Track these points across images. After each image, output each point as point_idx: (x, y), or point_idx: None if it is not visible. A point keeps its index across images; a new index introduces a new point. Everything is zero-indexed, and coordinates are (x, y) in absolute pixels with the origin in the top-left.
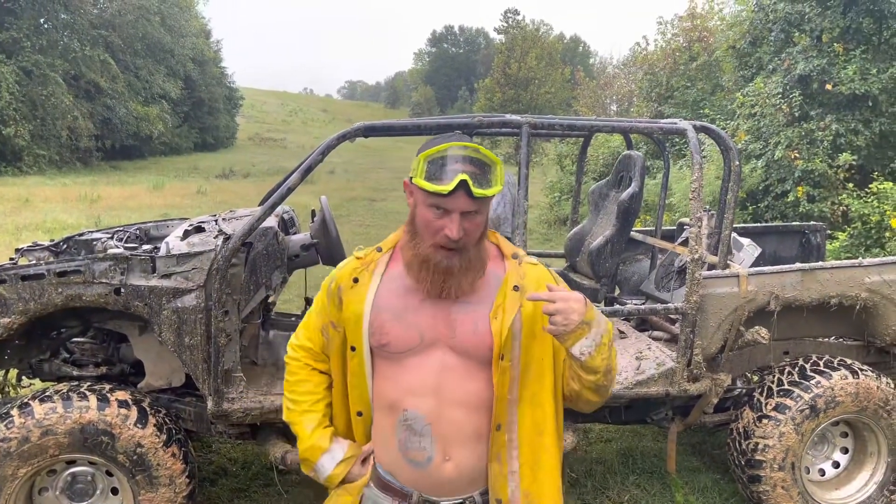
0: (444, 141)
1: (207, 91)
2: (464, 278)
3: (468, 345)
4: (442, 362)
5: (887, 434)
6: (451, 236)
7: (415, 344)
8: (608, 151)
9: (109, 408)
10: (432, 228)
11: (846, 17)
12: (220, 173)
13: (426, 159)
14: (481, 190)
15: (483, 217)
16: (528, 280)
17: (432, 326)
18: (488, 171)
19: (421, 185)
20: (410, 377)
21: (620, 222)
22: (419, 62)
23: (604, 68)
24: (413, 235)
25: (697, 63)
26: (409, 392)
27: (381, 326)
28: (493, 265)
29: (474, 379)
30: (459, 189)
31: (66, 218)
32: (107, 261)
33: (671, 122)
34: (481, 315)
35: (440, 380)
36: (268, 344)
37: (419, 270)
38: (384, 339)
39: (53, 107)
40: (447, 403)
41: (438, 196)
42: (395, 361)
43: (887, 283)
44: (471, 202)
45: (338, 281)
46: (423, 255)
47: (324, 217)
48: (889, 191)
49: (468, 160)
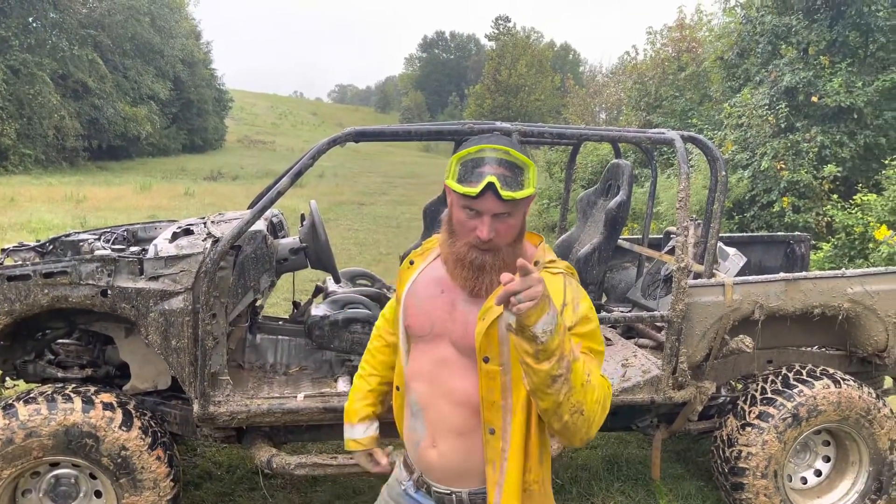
0: (479, 143)
1: (197, 92)
2: (496, 277)
3: (461, 344)
4: (442, 354)
5: (868, 443)
6: (482, 237)
7: (425, 332)
8: (597, 160)
9: (94, 410)
10: (466, 229)
11: (833, 30)
12: (209, 175)
13: (459, 161)
14: (510, 192)
15: (517, 219)
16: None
17: (442, 319)
18: (520, 174)
19: (452, 186)
20: (418, 361)
21: (608, 230)
22: (410, 67)
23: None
24: (450, 234)
25: (686, 73)
26: (414, 375)
27: (408, 308)
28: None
29: (465, 377)
30: (488, 191)
31: (52, 218)
32: (94, 262)
33: (659, 132)
34: (474, 316)
35: (436, 370)
36: (255, 347)
37: (454, 268)
38: (407, 321)
39: (40, 106)
40: (438, 394)
41: (469, 198)
42: (415, 344)
43: (869, 293)
44: (501, 204)
45: (406, 260)
46: (457, 253)
47: (313, 221)
48: (873, 202)
49: (499, 162)
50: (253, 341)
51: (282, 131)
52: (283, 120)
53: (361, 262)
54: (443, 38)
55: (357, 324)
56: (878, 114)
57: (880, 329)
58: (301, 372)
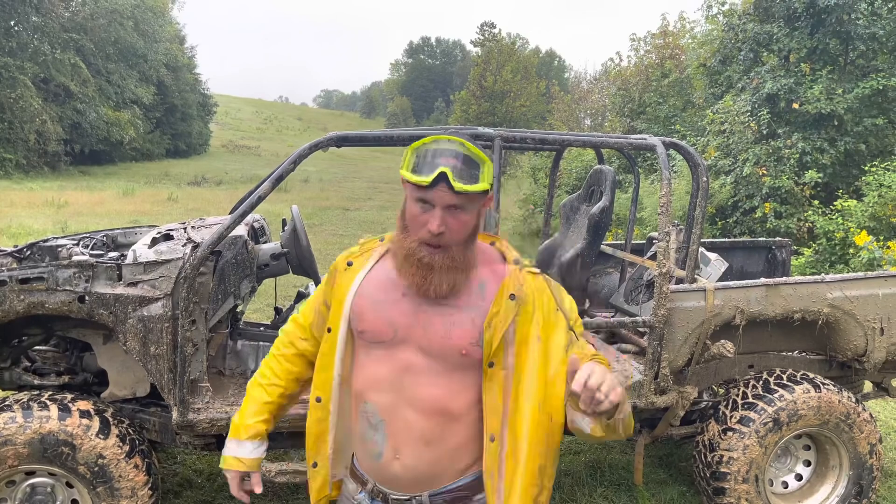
0: (437, 134)
1: (181, 97)
2: (445, 277)
3: (438, 348)
4: (408, 361)
5: (848, 447)
6: (432, 230)
7: (387, 338)
8: (581, 165)
9: (71, 418)
10: (418, 223)
11: (813, 37)
12: (192, 180)
13: (414, 151)
14: (463, 185)
15: (470, 216)
16: (528, 289)
17: (406, 323)
18: (475, 168)
19: (405, 176)
20: (375, 369)
21: (591, 236)
22: (396, 72)
23: (578, 83)
24: (402, 230)
25: (669, 80)
26: (371, 384)
27: (361, 313)
28: (488, 270)
29: (434, 384)
30: (440, 182)
31: (32, 223)
32: (71, 268)
33: (641, 138)
34: (457, 319)
35: (401, 378)
36: (235, 353)
37: (403, 264)
38: (361, 326)
39: (21, 110)
40: (403, 403)
41: (422, 189)
42: (367, 351)
43: (848, 299)
44: (453, 196)
45: (337, 262)
46: (407, 248)
47: (294, 226)
48: (853, 208)
49: (454, 154)
50: (234, 347)
51: (267, 136)
52: (268, 125)
53: None
54: (428, 44)
55: None
56: (858, 121)
57: (859, 334)
58: None
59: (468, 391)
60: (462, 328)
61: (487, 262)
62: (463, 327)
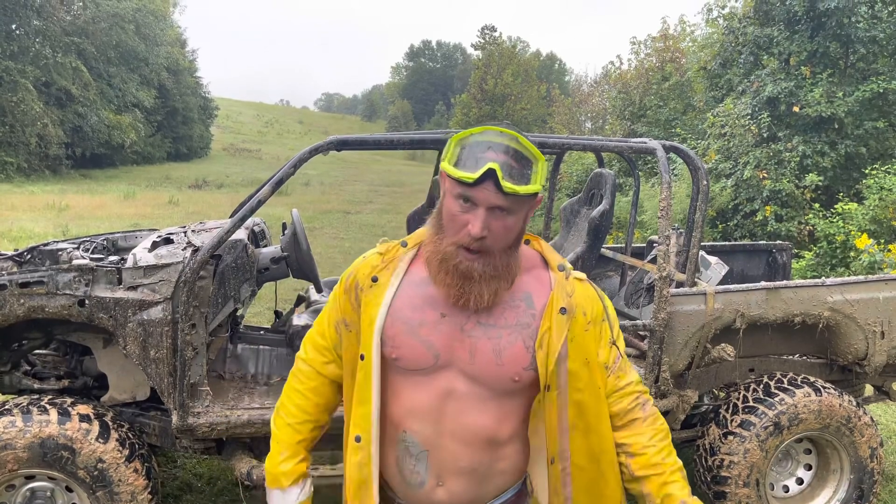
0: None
1: (182, 100)
2: (486, 287)
3: (487, 375)
4: (450, 388)
5: (849, 451)
6: (473, 233)
7: (428, 364)
8: (581, 168)
9: (70, 422)
10: (457, 223)
11: (813, 41)
12: (193, 183)
13: (458, 142)
14: (512, 185)
15: (516, 219)
16: (577, 298)
17: (449, 347)
18: (527, 167)
19: (447, 170)
20: (413, 397)
21: (591, 239)
22: (396, 76)
23: (579, 86)
24: (438, 229)
25: (670, 83)
26: (410, 413)
27: (395, 337)
28: (532, 277)
29: (481, 412)
30: (487, 179)
31: (33, 227)
32: (71, 272)
33: (641, 142)
34: (507, 342)
35: (443, 406)
36: (235, 357)
37: (438, 270)
38: (395, 353)
39: (23, 113)
40: (447, 433)
41: (465, 185)
42: (403, 377)
43: (849, 302)
44: (500, 197)
45: (356, 276)
46: (443, 252)
47: (294, 230)
48: (854, 211)
49: (504, 149)
50: (234, 351)
51: (268, 139)
52: (269, 128)
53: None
54: (429, 48)
55: None
56: (859, 124)
57: (860, 337)
58: (282, 382)
59: (515, 414)
60: (513, 352)
61: (529, 269)
62: (514, 351)
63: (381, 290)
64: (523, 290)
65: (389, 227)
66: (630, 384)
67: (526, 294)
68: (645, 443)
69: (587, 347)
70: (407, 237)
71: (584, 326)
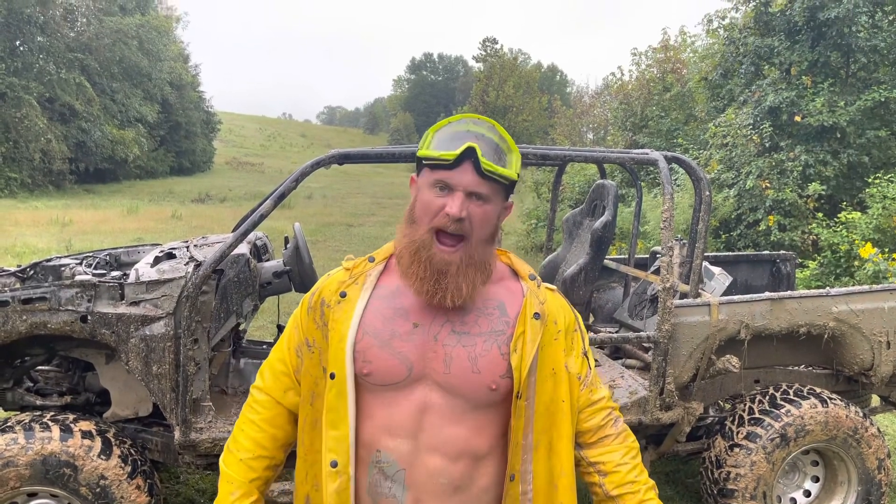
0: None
1: (185, 115)
2: (463, 280)
3: (463, 384)
4: (425, 400)
5: (857, 463)
6: (452, 213)
7: (401, 378)
8: (584, 179)
9: (72, 438)
10: (432, 209)
11: (814, 50)
12: (196, 197)
13: (435, 131)
14: (492, 164)
15: (493, 208)
16: (549, 307)
17: (422, 358)
18: (503, 155)
19: (424, 153)
20: (389, 414)
21: (594, 250)
22: (398, 89)
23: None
24: (409, 223)
25: (671, 93)
26: (385, 431)
27: (365, 352)
28: (503, 288)
29: (459, 423)
30: (466, 160)
31: (37, 242)
32: (74, 287)
33: (643, 153)
34: (482, 349)
35: (420, 421)
36: (238, 372)
37: (410, 263)
38: (367, 368)
39: (27, 129)
40: (424, 449)
41: (443, 170)
42: (375, 394)
43: (854, 312)
44: (479, 181)
45: (321, 293)
46: (417, 241)
47: (297, 244)
48: (857, 220)
49: (482, 136)
50: (236, 366)
51: (270, 153)
52: (272, 142)
53: None
54: (431, 60)
55: None
56: (861, 133)
57: (865, 348)
58: None
59: (493, 426)
60: (489, 359)
61: (499, 280)
62: (490, 358)
63: (349, 306)
64: (497, 299)
65: (392, 240)
66: (602, 399)
67: (499, 302)
68: (618, 460)
69: (555, 357)
70: (374, 252)
71: (554, 335)
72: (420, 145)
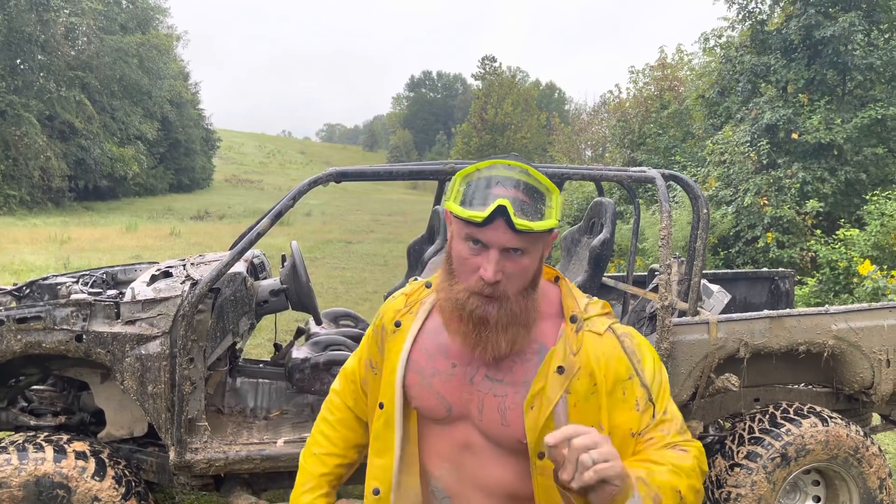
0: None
1: (184, 132)
2: (502, 334)
3: (495, 434)
4: (467, 440)
5: (858, 482)
6: (486, 278)
7: (442, 416)
8: (582, 196)
9: (66, 459)
10: (468, 268)
11: (810, 68)
12: (195, 215)
13: (463, 179)
14: (525, 221)
15: (531, 259)
16: (586, 357)
17: (459, 400)
18: (540, 200)
19: (453, 209)
20: (436, 443)
21: (592, 268)
22: (397, 106)
23: (578, 114)
24: (449, 274)
25: (668, 111)
26: (436, 457)
27: (412, 387)
28: (550, 326)
29: (499, 466)
30: (497, 217)
31: (34, 260)
32: (69, 306)
33: (640, 171)
34: (511, 401)
35: (462, 458)
36: (234, 391)
37: (451, 318)
38: (414, 403)
39: (26, 147)
40: (467, 484)
41: (474, 226)
42: (426, 423)
43: (854, 330)
44: (513, 237)
45: (382, 318)
46: (455, 299)
47: (294, 262)
48: (856, 237)
49: (514, 183)
50: (233, 385)
51: (270, 170)
52: (272, 159)
53: (348, 301)
54: (430, 78)
55: (339, 366)
56: (858, 150)
57: (865, 366)
58: (282, 416)
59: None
60: (518, 413)
61: (549, 315)
62: (519, 412)
63: (402, 337)
64: (539, 341)
65: (391, 257)
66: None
67: (541, 346)
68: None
69: (591, 414)
70: (432, 278)
71: (590, 390)
72: (447, 194)
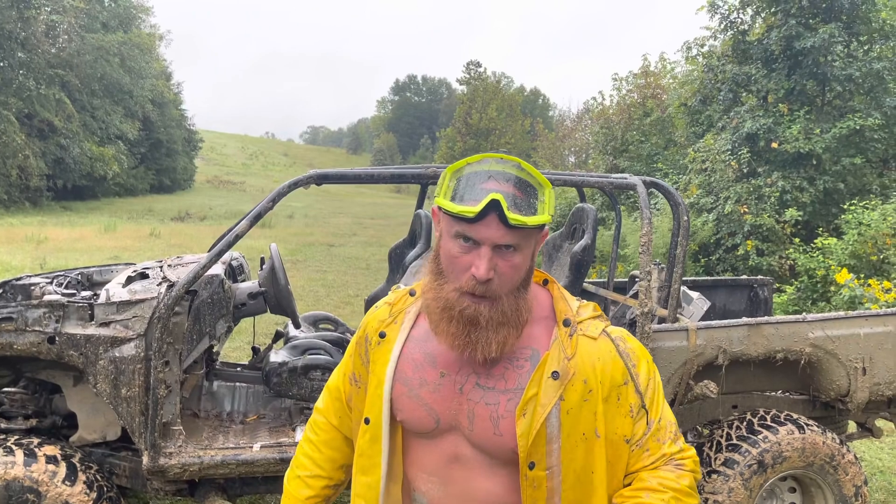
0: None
1: (166, 133)
2: (493, 334)
3: (487, 444)
4: (455, 452)
5: (833, 490)
6: (478, 276)
7: (430, 428)
8: (564, 202)
9: (36, 463)
10: (458, 266)
11: (790, 79)
12: (176, 216)
13: (454, 174)
14: (519, 216)
15: (523, 256)
16: (580, 362)
17: (448, 410)
18: (533, 195)
19: (443, 205)
20: (422, 457)
21: (573, 273)
22: (382, 109)
23: (562, 121)
24: (437, 274)
25: (651, 119)
26: (421, 471)
27: (398, 399)
28: (541, 330)
29: (489, 478)
30: (490, 212)
31: (10, 259)
32: (41, 307)
33: (622, 177)
34: (504, 410)
35: (450, 471)
36: (211, 395)
37: (440, 319)
38: (399, 416)
39: (4, 145)
40: (454, 498)
41: (465, 222)
42: (411, 437)
43: (830, 338)
44: (506, 233)
45: (365, 329)
46: (444, 299)
47: (273, 265)
48: (833, 246)
49: (506, 177)
50: (209, 388)
51: (252, 172)
52: (254, 160)
53: (329, 305)
54: (415, 82)
55: (317, 370)
56: (836, 160)
57: (842, 374)
58: (259, 420)
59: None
60: (511, 422)
61: (540, 318)
62: (511, 421)
63: (388, 347)
64: (530, 346)
65: (373, 260)
66: (664, 456)
67: (533, 351)
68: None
69: (585, 421)
70: (416, 285)
71: (584, 395)
72: (437, 189)
